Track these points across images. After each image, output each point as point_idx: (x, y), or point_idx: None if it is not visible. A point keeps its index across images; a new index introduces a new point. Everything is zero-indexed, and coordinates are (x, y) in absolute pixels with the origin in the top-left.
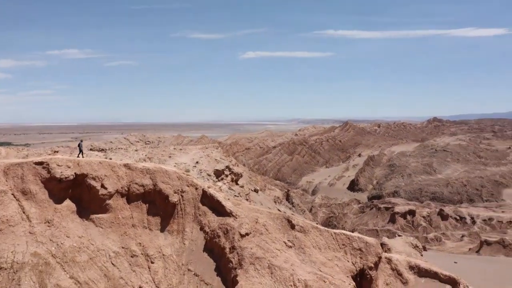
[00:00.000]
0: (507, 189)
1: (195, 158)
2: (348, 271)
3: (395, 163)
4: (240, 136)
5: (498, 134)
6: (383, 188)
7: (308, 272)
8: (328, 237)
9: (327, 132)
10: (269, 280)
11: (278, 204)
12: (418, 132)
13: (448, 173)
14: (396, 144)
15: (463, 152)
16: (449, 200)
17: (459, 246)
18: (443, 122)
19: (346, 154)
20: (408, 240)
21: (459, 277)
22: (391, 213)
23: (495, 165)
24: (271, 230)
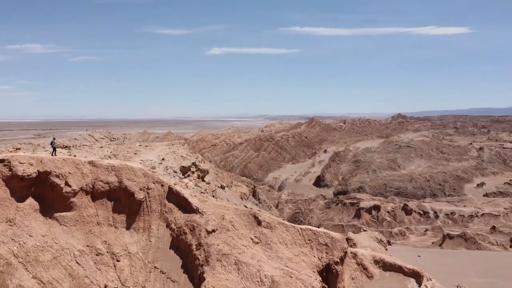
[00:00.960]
0: (468, 184)
1: (161, 155)
2: (314, 266)
3: (360, 159)
4: (206, 132)
5: (460, 130)
6: (348, 183)
7: (274, 268)
8: (295, 233)
9: (293, 128)
10: (236, 276)
11: (244, 200)
12: (383, 128)
13: (412, 169)
14: (361, 140)
15: (426, 148)
16: (413, 195)
17: (422, 240)
18: (407, 119)
19: (312, 150)
20: (373, 235)
21: (422, 270)
22: (356, 209)
23: (457, 160)
24: (237, 226)
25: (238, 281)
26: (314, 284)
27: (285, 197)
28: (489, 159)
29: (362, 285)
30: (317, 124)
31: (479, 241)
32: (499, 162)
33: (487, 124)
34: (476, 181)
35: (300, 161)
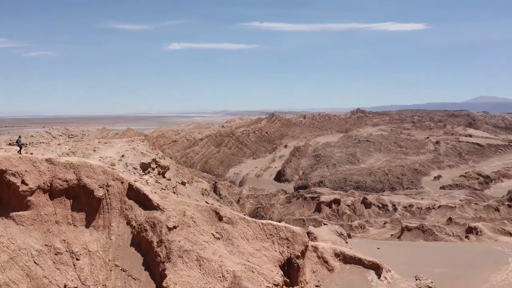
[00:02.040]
0: (425, 177)
1: (120, 151)
2: (276, 260)
3: (320, 153)
4: (166, 128)
5: (417, 125)
6: (309, 178)
7: (236, 263)
8: (256, 228)
9: (253, 123)
10: (197, 272)
11: (205, 196)
12: (342, 123)
13: (371, 163)
14: (321, 135)
15: (385, 142)
16: (372, 188)
17: (381, 232)
18: (366, 113)
19: (273, 145)
20: (333, 228)
21: (381, 262)
22: (317, 203)
23: (415, 154)
24: (198, 222)
25: (200, 277)
26: (275, 278)
27: (246, 192)
28: (445, 153)
29: (323, 278)
30: (278, 119)
31: (436, 232)
32: (455, 155)
33: (443, 118)
34: (433, 174)
35: (261, 156)
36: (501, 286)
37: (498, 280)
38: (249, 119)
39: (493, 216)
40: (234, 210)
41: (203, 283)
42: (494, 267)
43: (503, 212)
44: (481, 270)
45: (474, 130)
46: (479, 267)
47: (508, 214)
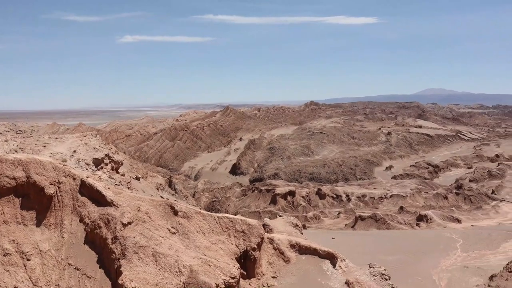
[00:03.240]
0: (378, 167)
1: (72, 147)
2: (232, 253)
3: (275, 146)
4: (119, 123)
5: (370, 116)
6: (264, 170)
7: (193, 257)
8: (212, 221)
9: (208, 117)
10: (154, 268)
11: (160, 191)
12: (296, 116)
13: (324, 154)
14: (276, 127)
15: (338, 134)
16: (326, 179)
17: (336, 222)
18: (319, 106)
19: (228, 138)
20: (288, 220)
21: (336, 252)
22: (272, 195)
23: (367, 145)
24: (154, 217)
25: (156, 273)
26: (232, 271)
27: (202, 186)
28: (396, 143)
29: (280, 269)
30: (232, 112)
31: (388, 221)
32: (406, 146)
33: (394, 110)
34: (385, 164)
35: (216, 149)
36: (450, 270)
37: (447, 264)
38: (203, 112)
39: (442, 204)
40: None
41: (159, 278)
42: (444, 252)
43: (451, 200)
44: (431, 256)
45: (424, 121)
46: (430, 253)
47: (456, 202)
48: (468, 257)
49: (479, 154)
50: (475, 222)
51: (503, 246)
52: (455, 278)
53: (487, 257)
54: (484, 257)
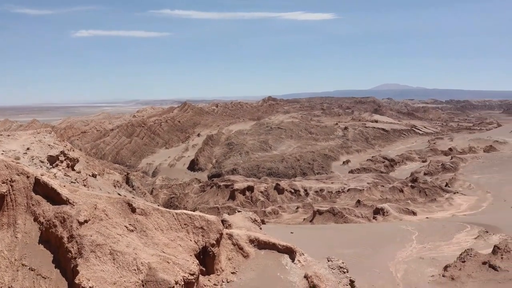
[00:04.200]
0: (335, 162)
1: (25, 144)
2: (191, 250)
3: (233, 141)
4: (75, 119)
5: (327, 111)
6: (222, 166)
7: (151, 254)
8: (170, 218)
9: (165, 113)
10: (111, 266)
11: (118, 188)
12: (254, 111)
13: (283, 149)
14: (234, 123)
15: (296, 129)
16: (284, 174)
17: (294, 217)
18: (277, 101)
19: (186, 134)
20: (247, 215)
21: (295, 246)
22: (230, 190)
23: (325, 140)
24: (111, 215)
25: (114, 271)
26: (191, 268)
27: (160, 183)
28: (353, 138)
29: (239, 264)
30: (190, 108)
31: (346, 214)
32: (362, 140)
33: (351, 105)
34: (342, 159)
35: (174, 145)
36: (406, 261)
37: (404, 256)
38: (161, 108)
39: (398, 197)
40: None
41: (117, 277)
42: (400, 244)
43: (406, 193)
44: (388, 248)
45: (380, 116)
46: (386, 246)
47: (411, 195)
48: (424, 249)
49: (433, 148)
50: (430, 214)
51: (457, 237)
52: (411, 269)
53: (442, 248)
54: (438, 248)
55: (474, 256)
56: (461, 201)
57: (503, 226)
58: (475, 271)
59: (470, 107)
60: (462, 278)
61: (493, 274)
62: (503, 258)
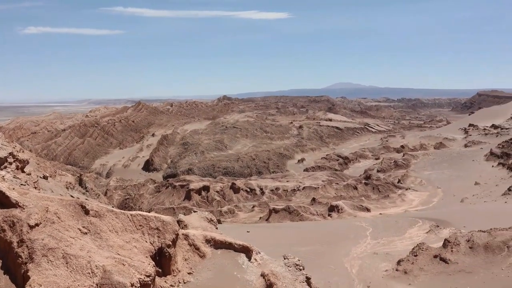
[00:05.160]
0: (290, 160)
1: None
2: (147, 251)
3: (188, 141)
4: (24, 119)
5: (282, 110)
6: (177, 166)
7: (106, 257)
8: (125, 220)
9: (119, 112)
10: (64, 270)
11: (70, 190)
12: (209, 110)
13: (238, 149)
14: (189, 122)
15: (251, 128)
16: (240, 174)
17: (250, 216)
18: (232, 100)
19: (140, 134)
20: (203, 215)
21: (251, 245)
22: (186, 190)
23: (280, 139)
24: (63, 218)
25: (67, 275)
26: (147, 269)
27: (114, 184)
28: (308, 137)
29: (195, 265)
30: (144, 107)
31: (301, 212)
32: (317, 138)
33: (306, 104)
34: (297, 157)
35: (128, 146)
36: (361, 257)
37: (358, 252)
38: (114, 108)
39: (352, 194)
40: (102, 202)
41: (71, 281)
42: (354, 241)
43: (360, 190)
44: (343, 244)
45: (334, 115)
46: (341, 242)
47: (365, 192)
48: (377, 244)
49: (385, 146)
50: (383, 211)
51: (409, 232)
52: (365, 265)
53: (395, 243)
54: (392, 243)
55: (425, 250)
56: (413, 196)
57: (453, 220)
58: (426, 265)
59: (421, 105)
60: (414, 271)
61: (443, 266)
62: (453, 251)
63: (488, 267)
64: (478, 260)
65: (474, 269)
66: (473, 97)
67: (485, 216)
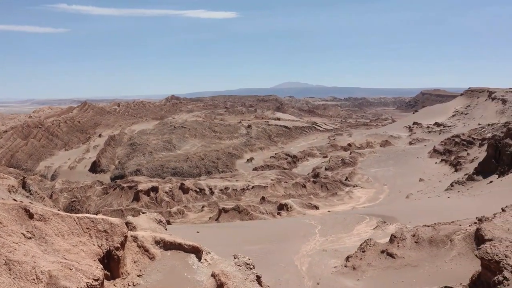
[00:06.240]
0: (239, 159)
1: None
2: (94, 254)
3: (136, 141)
4: None
5: (230, 110)
6: (125, 167)
7: (52, 262)
8: (71, 223)
9: (64, 113)
10: (7, 278)
11: (13, 193)
12: (157, 110)
13: (187, 149)
14: (137, 122)
15: (200, 127)
16: (189, 174)
17: (200, 216)
18: (180, 100)
19: (86, 135)
20: (152, 216)
21: (201, 245)
22: (134, 192)
23: (229, 138)
24: (6, 222)
25: (10, 283)
26: (95, 273)
27: (60, 186)
28: (256, 136)
29: (145, 267)
30: (90, 108)
31: (251, 211)
32: (265, 138)
33: (254, 103)
34: (246, 156)
35: (74, 147)
36: (310, 254)
37: (308, 250)
38: (59, 108)
39: (301, 192)
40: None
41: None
42: (304, 238)
43: (309, 188)
44: (293, 242)
45: (282, 114)
46: (291, 240)
47: (313, 190)
48: (326, 241)
49: (333, 144)
50: (332, 208)
51: (357, 228)
52: (315, 262)
53: (343, 239)
54: (340, 240)
55: (373, 246)
56: (360, 194)
57: (399, 216)
58: (374, 260)
59: (367, 104)
60: (362, 267)
61: (390, 261)
62: (399, 246)
63: (432, 260)
64: (423, 254)
65: (420, 263)
66: (417, 96)
67: (429, 211)
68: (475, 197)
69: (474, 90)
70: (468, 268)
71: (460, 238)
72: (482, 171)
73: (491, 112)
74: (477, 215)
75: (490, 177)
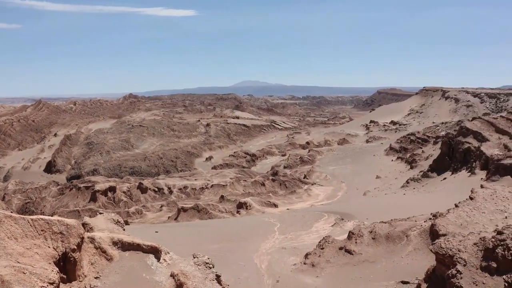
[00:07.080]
0: (198, 158)
1: None
2: (50, 257)
3: (93, 141)
4: None
5: (189, 108)
6: (82, 167)
7: (4, 266)
8: (25, 225)
9: (17, 112)
10: None
11: None
12: (115, 109)
13: (145, 148)
14: (94, 121)
15: (158, 126)
16: (148, 173)
17: (159, 216)
18: (138, 98)
19: (41, 134)
20: (109, 217)
21: (160, 245)
22: (91, 192)
23: (187, 137)
24: None
25: None
26: (50, 276)
27: (13, 187)
28: (215, 134)
29: (102, 268)
30: (45, 106)
31: (210, 210)
32: (224, 136)
33: (213, 101)
34: (205, 155)
35: (28, 147)
36: (270, 252)
37: (267, 247)
38: (12, 107)
39: (260, 191)
40: None
41: None
42: (263, 236)
43: (268, 186)
44: (252, 240)
45: (241, 112)
46: (250, 238)
47: (272, 188)
48: (285, 239)
49: (291, 142)
50: (291, 206)
51: (315, 226)
52: (274, 260)
53: (302, 237)
54: (299, 237)
55: (331, 243)
56: (318, 191)
57: (356, 213)
58: (333, 257)
59: (325, 102)
60: (321, 264)
61: (349, 258)
62: (357, 243)
63: (389, 256)
64: (380, 250)
65: (377, 259)
66: (374, 95)
67: (386, 208)
68: (430, 193)
69: (429, 90)
70: (423, 263)
71: (416, 233)
72: (436, 168)
73: (445, 110)
74: (432, 211)
75: (444, 174)
